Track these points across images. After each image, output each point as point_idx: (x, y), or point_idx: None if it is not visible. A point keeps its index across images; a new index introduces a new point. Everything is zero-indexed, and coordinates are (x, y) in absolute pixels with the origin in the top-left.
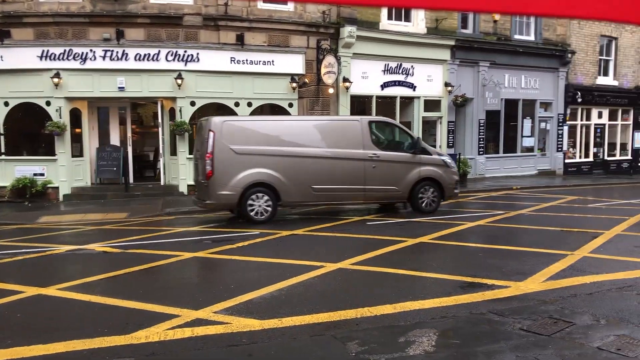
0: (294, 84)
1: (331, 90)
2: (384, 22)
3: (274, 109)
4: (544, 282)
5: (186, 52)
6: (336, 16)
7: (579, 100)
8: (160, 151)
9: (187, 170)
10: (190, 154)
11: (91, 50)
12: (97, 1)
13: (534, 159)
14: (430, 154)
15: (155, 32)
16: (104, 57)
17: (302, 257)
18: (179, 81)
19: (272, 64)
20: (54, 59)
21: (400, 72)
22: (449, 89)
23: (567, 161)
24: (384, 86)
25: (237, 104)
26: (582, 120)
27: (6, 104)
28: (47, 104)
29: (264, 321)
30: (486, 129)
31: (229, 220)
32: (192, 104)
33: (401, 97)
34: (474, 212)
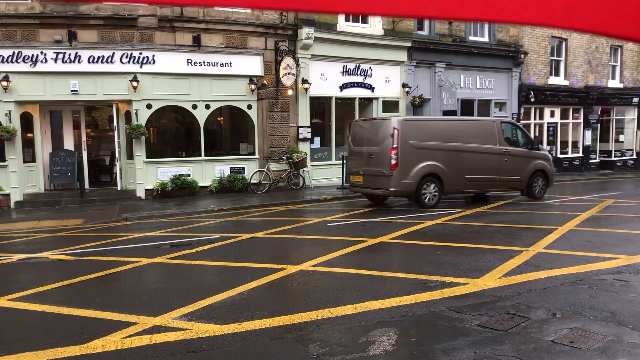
0: (253, 86)
1: (290, 91)
2: (342, 24)
3: (232, 111)
4: (501, 279)
5: (141, 54)
6: (294, 18)
7: (532, 99)
8: (116, 155)
9: (144, 174)
10: (147, 158)
11: (42, 52)
12: (47, 2)
13: None
14: (539, 149)
15: (109, 33)
16: (55, 60)
17: (268, 260)
18: (135, 84)
19: (230, 66)
20: (2, 62)
21: (358, 73)
22: (407, 89)
23: None
24: (343, 87)
25: (194, 106)
26: (535, 119)
27: None
28: None
29: (224, 326)
30: None
31: (189, 223)
32: (149, 106)
33: (360, 98)
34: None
